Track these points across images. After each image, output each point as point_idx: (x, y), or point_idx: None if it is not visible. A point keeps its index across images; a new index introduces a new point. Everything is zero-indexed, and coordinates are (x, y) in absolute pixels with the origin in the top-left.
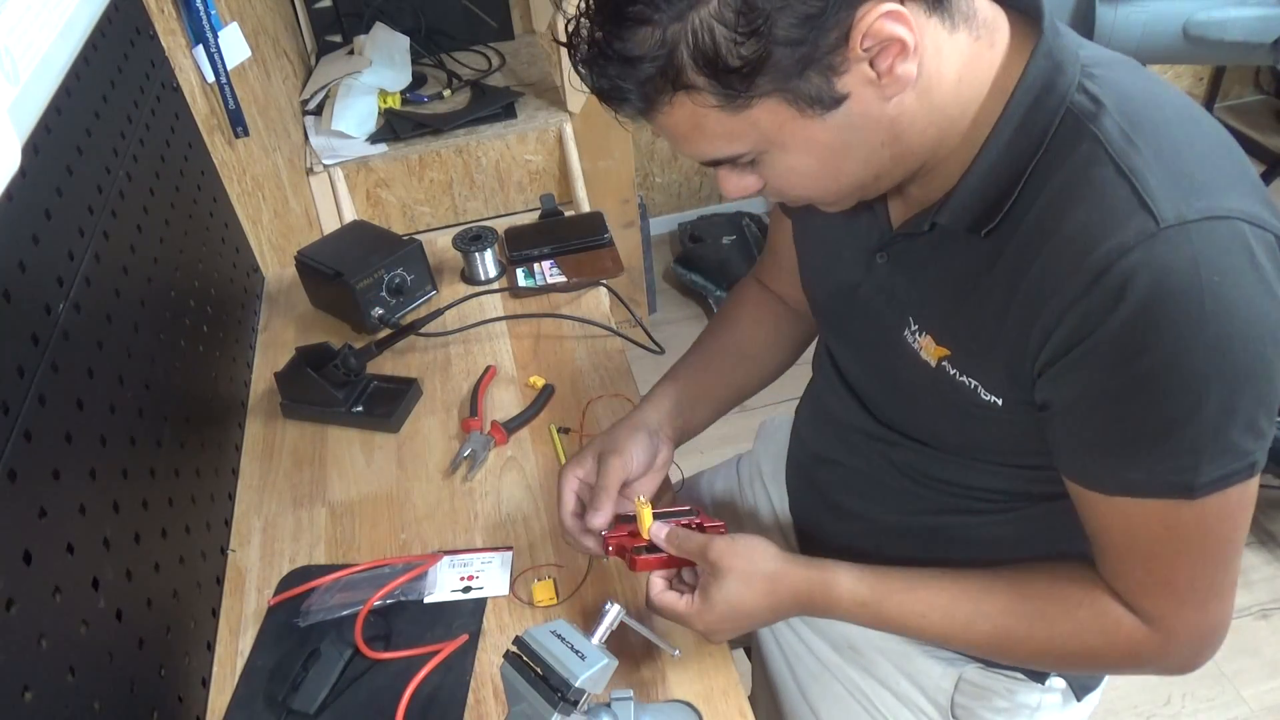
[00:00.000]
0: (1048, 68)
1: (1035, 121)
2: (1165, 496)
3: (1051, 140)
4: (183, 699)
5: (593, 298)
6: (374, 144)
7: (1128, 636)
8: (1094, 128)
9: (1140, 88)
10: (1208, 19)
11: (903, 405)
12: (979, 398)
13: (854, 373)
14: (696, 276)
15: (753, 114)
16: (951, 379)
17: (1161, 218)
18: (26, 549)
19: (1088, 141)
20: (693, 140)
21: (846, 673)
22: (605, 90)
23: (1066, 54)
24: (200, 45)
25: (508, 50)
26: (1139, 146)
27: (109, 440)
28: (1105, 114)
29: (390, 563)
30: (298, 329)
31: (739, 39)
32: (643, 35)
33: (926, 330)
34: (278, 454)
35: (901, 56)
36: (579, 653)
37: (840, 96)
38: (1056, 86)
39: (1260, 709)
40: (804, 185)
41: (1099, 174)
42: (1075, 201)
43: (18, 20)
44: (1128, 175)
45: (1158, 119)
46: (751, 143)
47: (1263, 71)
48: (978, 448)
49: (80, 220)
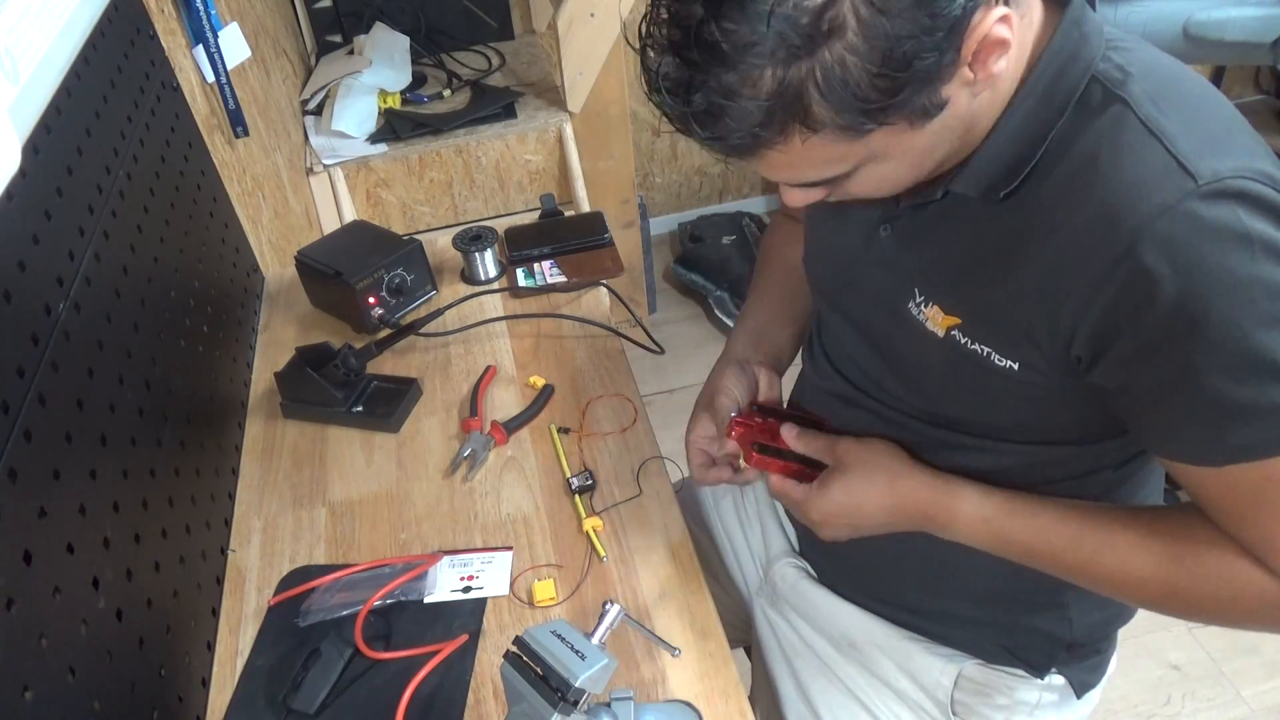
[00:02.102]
0: (1075, 36)
1: (1060, 88)
2: (1265, 456)
3: (1077, 105)
4: (183, 699)
5: (593, 298)
6: (374, 144)
7: (1260, 590)
8: (1122, 93)
9: (1163, 62)
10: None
11: (906, 381)
12: (992, 364)
13: (853, 352)
14: (696, 276)
15: (873, 136)
16: (962, 347)
17: (1199, 174)
18: (26, 549)
19: (1116, 106)
20: (797, 168)
21: (846, 670)
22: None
23: (1093, 25)
24: (200, 45)
25: (508, 50)
26: (1166, 112)
27: (109, 440)
28: (1133, 80)
29: (390, 563)
30: (298, 329)
31: (875, 69)
32: (759, 78)
33: (933, 300)
34: (278, 454)
35: (1001, 54)
36: (579, 653)
37: (943, 103)
38: (1081, 55)
39: (1260, 709)
40: (883, 189)
41: (1130, 137)
42: (1106, 165)
43: (18, 20)
44: (1160, 137)
45: (1183, 90)
46: (857, 161)
47: (1263, 71)
48: (986, 421)
49: (80, 220)
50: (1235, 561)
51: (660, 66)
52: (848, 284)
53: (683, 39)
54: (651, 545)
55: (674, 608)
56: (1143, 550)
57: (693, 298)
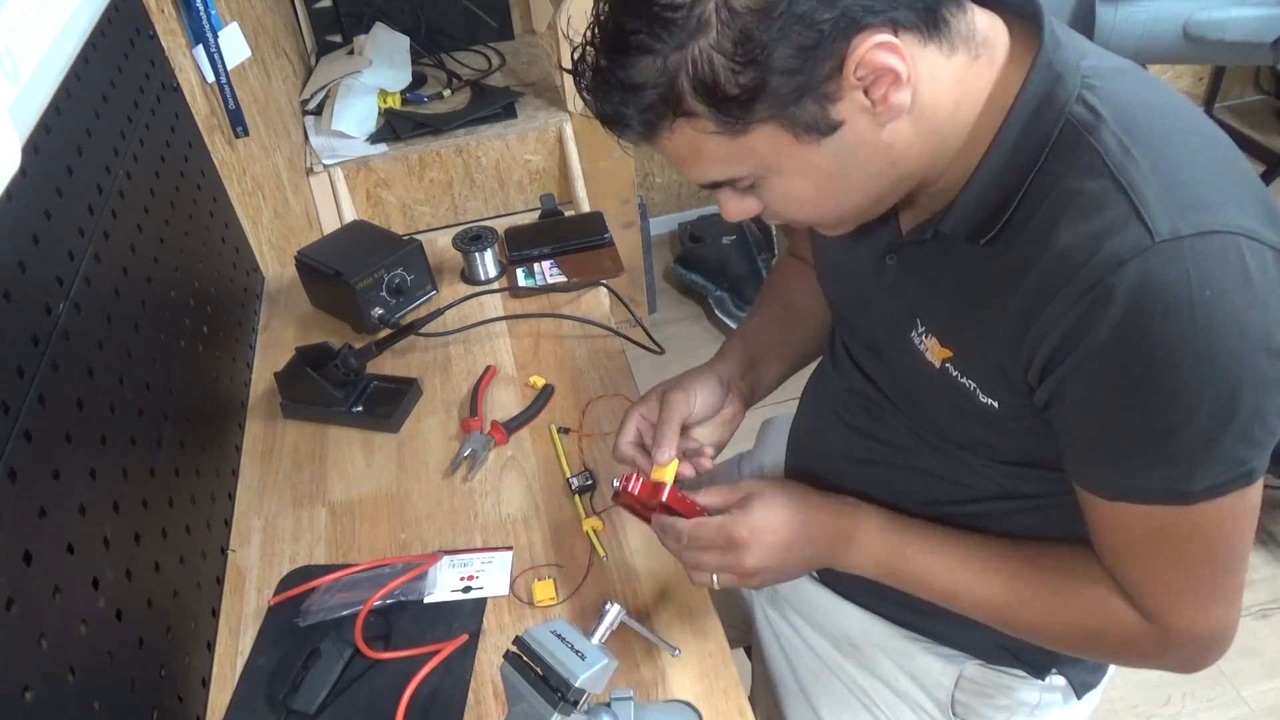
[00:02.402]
0: (1048, 79)
1: (1034, 133)
2: (1159, 503)
3: (1050, 152)
4: (183, 699)
5: (593, 298)
6: (374, 144)
7: (1126, 626)
8: (1092, 139)
9: (1140, 98)
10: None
11: (911, 403)
12: (978, 400)
13: (867, 369)
14: (696, 276)
15: (750, 139)
16: (954, 380)
17: (1156, 231)
18: (26, 549)
19: (1086, 153)
20: (692, 164)
21: (847, 670)
22: (608, 116)
23: (1066, 65)
24: (200, 45)
25: (508, 50)
26: (1136, 159)
27: (109, 440)
28: (1104, 125)
29: (390, 563)
30: (298, 329)
31: (737, 68)
32: (645, 64)
33: (932, 332)
34: (278, 454)
35: (895, 86)
36: (579, 653)
37: (835, 123)
38: (1056, 98)
39: (1260, 709)
40: (803, 209)
41: (1096, 186)
42: (1072, 213)
43: (18, 20)
44: (1125, 188)
45: (1157, 130)
46: (750, 167)
47: (1263, 71)
48: (982, 445)
49: (80, 220)
50: (1109, 598)
51: (580, 56)
52: (859, 306)
53: (598, 30)
54: (652, 545)
55: (674, 608)
56: (1022, 578)
57: (693, 298)
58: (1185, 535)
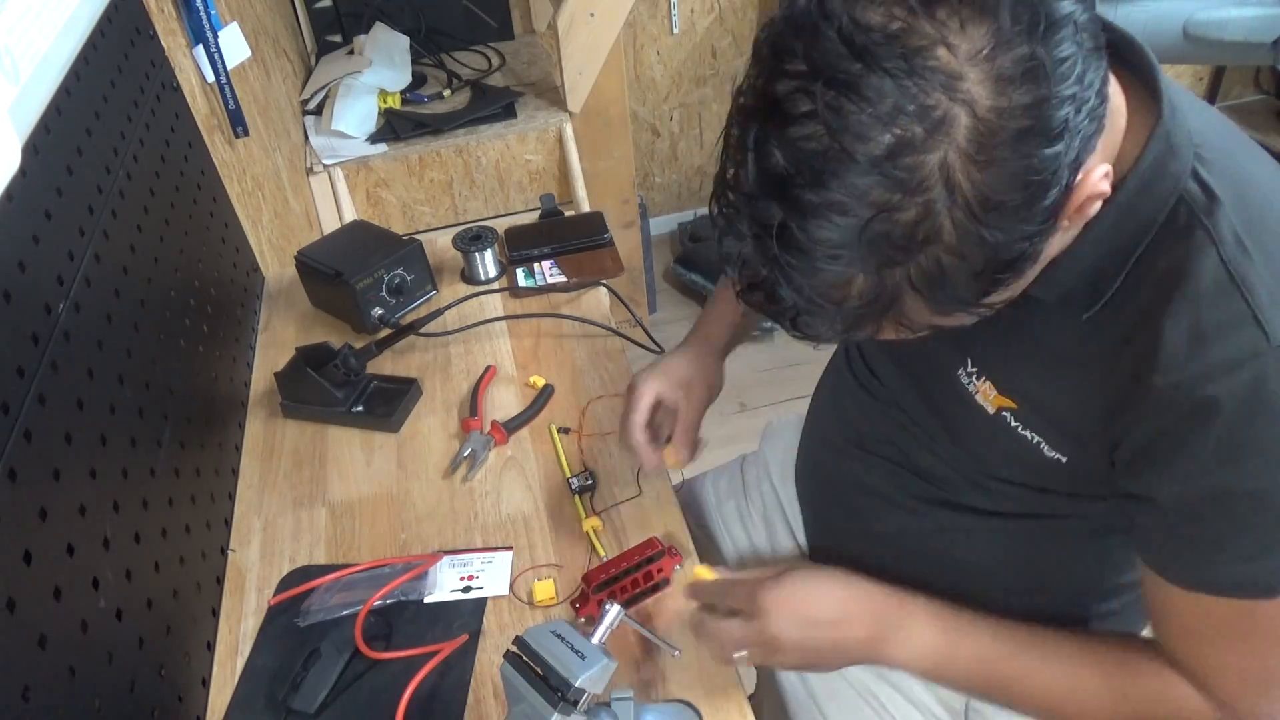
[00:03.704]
0: (1163, 150)
1: (1145, 207)
2: (1250, 597)
3: (1162, 228)
4: (183, 699)
5: (593, 298)
6: (374, 144)
7: (1195, 715)
8: (1209, 223)
9: (1252, 177)
10: (1208, 19)
11: (949, 432)
12: (1042, 452)
13: (898, 390)
14: (696, 276)
15: None
16: (1012, 430)
17: (1273, 336)
18: (26, 549)
19: (1200, 238)
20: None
21: (857, 674)
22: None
23: (1182, 135)
24: (200, 45)
25: (508, 50)
26: (1252, 255)
27: (109, 440)
28: (1220, 209)
29: (390, 563)
30: (298, 329)
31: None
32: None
33: (986, 376)
34: (278, 454)
35: (1098, 200)
36: (579, 653)
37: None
38: (1170, 170)
39: None
40: None
41: (1210, 278)
42: (1180, 303)
43: (18, 20)
44: (1240, 285)
45: (1272, 221)
46: None
47: (1263, 71)
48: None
49: (80, 220)
50: (1176, 685)
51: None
52: None
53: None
54: None
55: (674, 607)
56: (1081, 671)
57: (693, 298)
58: (1264, 627)
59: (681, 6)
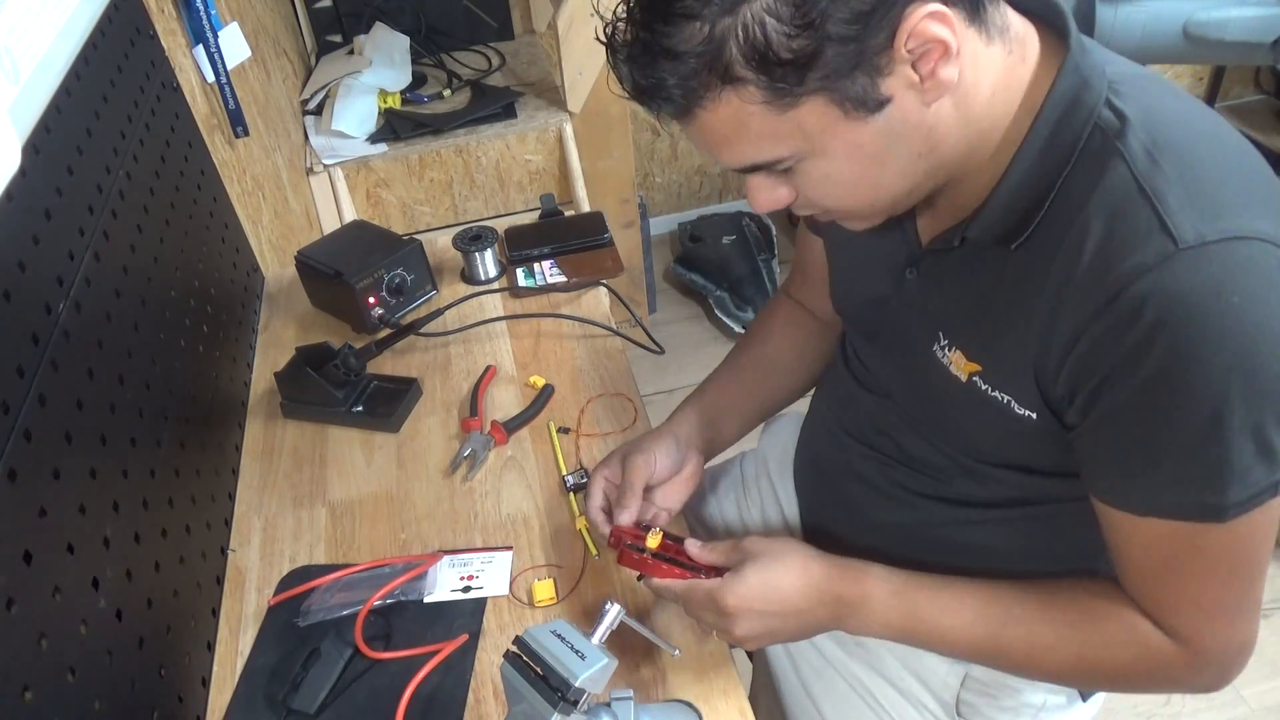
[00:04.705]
0: (1075, 83)
1: (1063, 136)
2: (1194, 519)
3: (1079, 156)
4: (183, 699)
5: (593, 298)
6: (374, 144)
7: (1157, 652)
8: (1119, 144)
9: (1167, 106)
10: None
11: (934, 418)
12: (1013, 412)
13: (886, 378)
14: (696, 276)
15: (799, 113)
16: (984, 394)
17: (1181, 239)
18: (26, 549)
19: (1113, 159)
20: (734, 142)
21: (851, 669)
22: (647, 88)
23: (1094, 69)
24: (200, 45)
25: (508, 50)
26: (1162, 166)
27: (109, 440)
28: (1131, 130)
29: (390, 562)
30: (298, 329)
31: (792, 32)
32: (690, 30)
33: (956, 346)
34: (278, 454)
35: (944, 60)
36: (579, 653)
37: (884, 99)
38: (1084, 101)
39: (1260, 709)
40: (840, 195)
41: (1122, 193)
42: (1098, 220)
43: (18, 20)
44: (1150, 196)
45: (1183, 138)
46: (794, 146)
47: (1263, 71)
48: (1013, 457)
49: (80, 220)
50: (1135, 625)
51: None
52: (878, 323)
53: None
54: None
55: (674, 607)
56: (1044, 621)
57: (693, 298)
58: (1217, 552)
59: None
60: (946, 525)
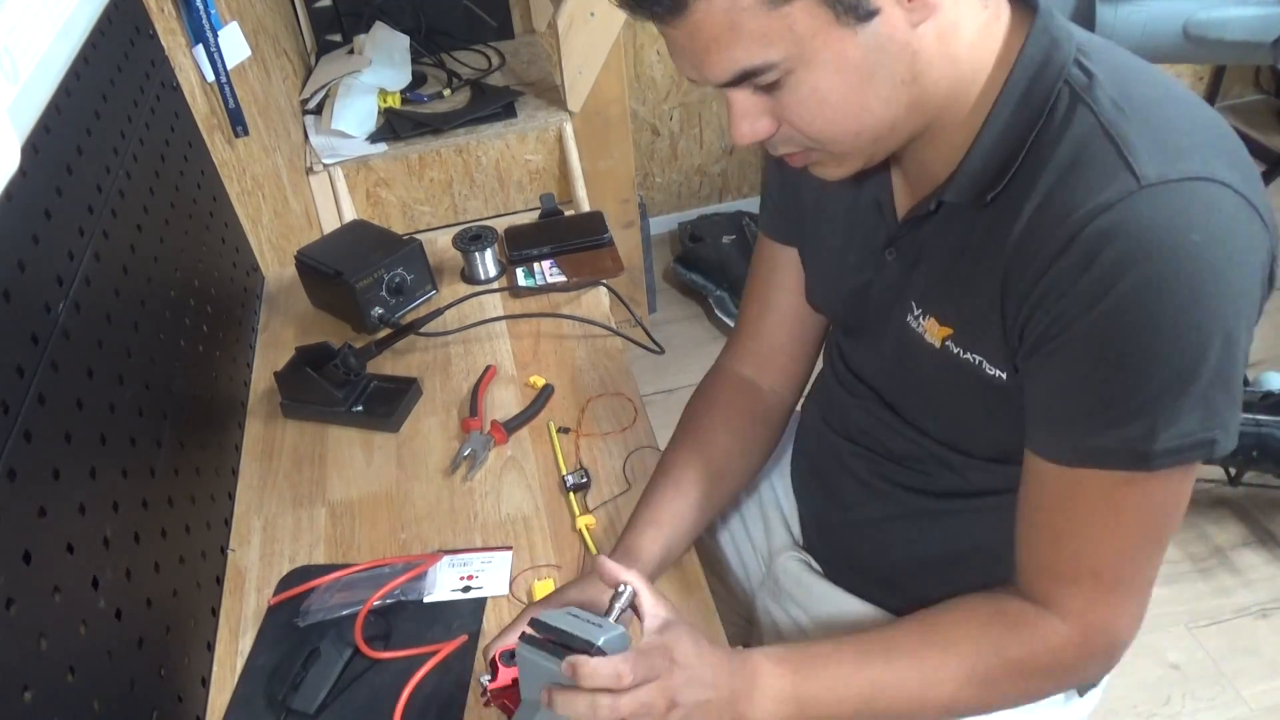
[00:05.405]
0: (1046, 42)
1: (1035, 93)
2: (1124, 467)
3: (1050, 111)
4: (182, 699)
5: (593, 298)
6: (374, 143)
7: (1049, 636)
8: (1087, 97)
9: (1133, 64)
10: (1208, 19)
11: (913, 394)
12: (984, 372)
13: (870, 371)
14: (696, 276)
15: (791, 11)
16: (956, 357)
17: (1144, 177)
18: (26, 549)
19: (1081, 110)
20: (724, 45)
21: None
22: None
23: (1062, 32)
24: (200, 45)
25: (508, 50)
26: (1127, 113)
27: (109, 440)
28: (1097, 84)
29: (390, 562)
30: (298, 329)
31: None
32: None
33: (929, 313)
34: (278, 454)
35: None
36: (595, 624)
37: (872, 10)
38: (1054, 60)
39: (1260, 709)
40: (826, 118)
41: (1088, 137)
42: (1064, 167)
43: (18, 20)
44: (1114, 138)
45: (1148, 93)
46: (784, 50)
47: (1263, 71)
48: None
49: (80, 220)
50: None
51: None
52: (859, 312)
53: None
54: None
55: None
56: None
57: (693, 297)
58: (1133, 510)
59: None
60: (934, 516)
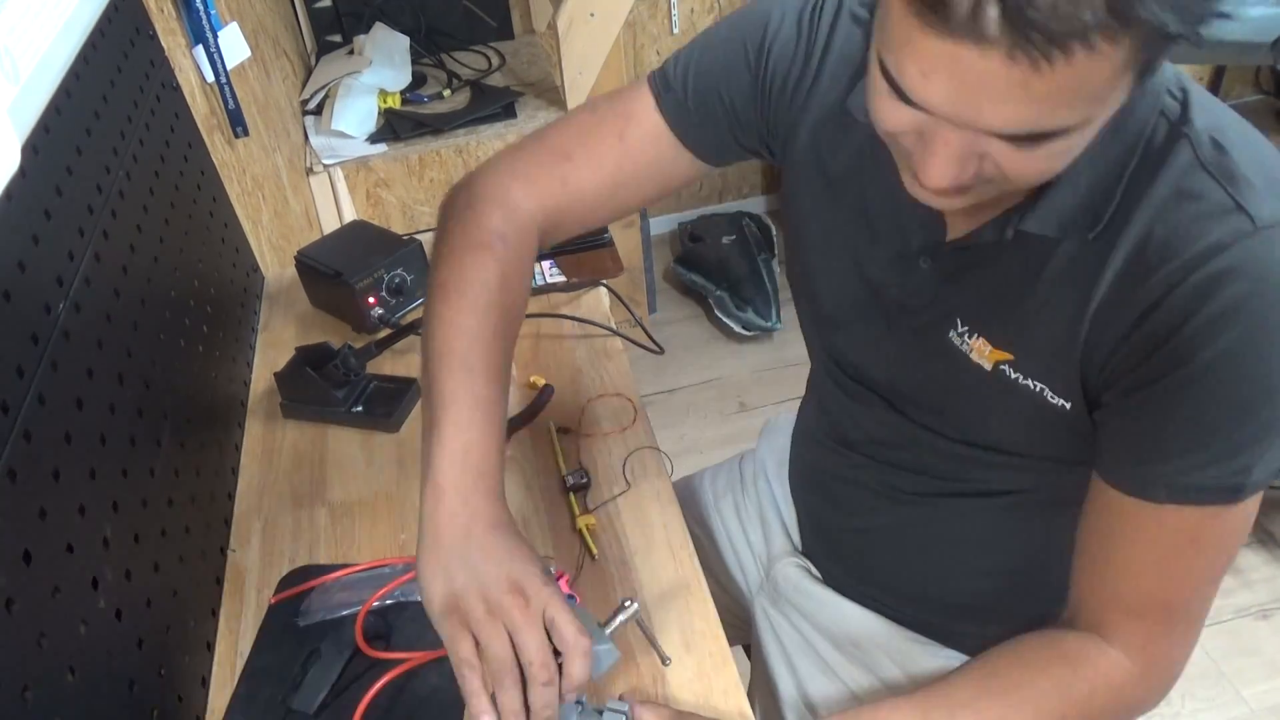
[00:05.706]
0: None
1: (1130, 124)
2: (1218, 503)
3: (1147, 142)
4: (182, 699)
5: (593, 298)
6: (374, 144)
7: (1106, 673)
8: (1185, 129)
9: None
10: None
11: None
12: (1043, 399)
13: (874, 373)
14: (696, 276)
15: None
16: (1013, 383)
17: (1259, 218)
18: (26, 549)
19: (1180, 144)
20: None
21: (848, 671)
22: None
23: None
24: (200, 45)
25: (508, 50)
26: (1228, 151)
27: (109, 440)
28: (1193, 114)
29: (390, 562)
30: (298, 329)
31: None
32: None
33: (978, 333)
34: (278, 454)
35: None
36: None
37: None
38: (1149, 88)
39: (1260, 709)
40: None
41: (1189, 176)
42: (1169, 203)
43: (18, 20)
44: (1217, 176)
45: (1238, 125)
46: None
47: (1263, 71)
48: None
49: (80, 220)
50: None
51: None
52: (868, 310)
53: None
54: (650, 544)
55: (673, 607)
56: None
57: (693, 298)
58: (1211, 539)
59: (681, 6)
60: (935, 522)
